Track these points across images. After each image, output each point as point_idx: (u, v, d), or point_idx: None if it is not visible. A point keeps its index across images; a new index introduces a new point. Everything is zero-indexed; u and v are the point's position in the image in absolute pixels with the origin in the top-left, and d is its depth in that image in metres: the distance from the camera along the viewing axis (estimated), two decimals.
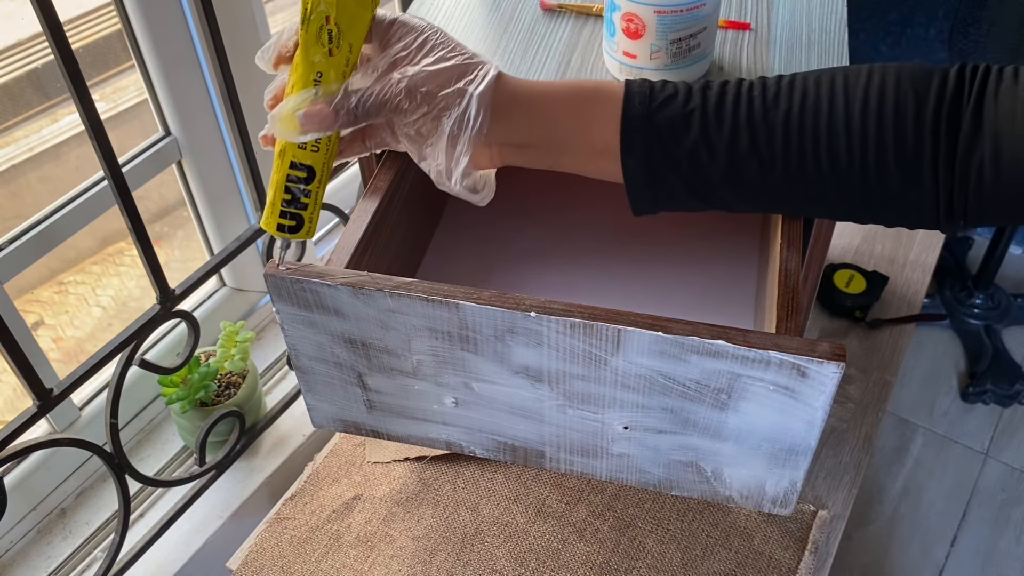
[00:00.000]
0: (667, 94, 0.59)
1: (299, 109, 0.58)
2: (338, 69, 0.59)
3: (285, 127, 0.59)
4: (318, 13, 0.57)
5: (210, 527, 1.05)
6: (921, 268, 1.22)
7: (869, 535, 1.70)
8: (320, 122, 0.59)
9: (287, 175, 0.61)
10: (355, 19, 0.58)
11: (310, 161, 0.61)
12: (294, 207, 0.62)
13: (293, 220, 0.63)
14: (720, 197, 0.61)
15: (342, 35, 0.58)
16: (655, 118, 0.58)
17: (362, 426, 0.75)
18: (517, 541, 0.91)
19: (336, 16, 0.57)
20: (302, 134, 0.59)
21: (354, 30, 0.59)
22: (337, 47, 0.58)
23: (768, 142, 0.57)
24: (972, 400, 1.91)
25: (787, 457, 0.64)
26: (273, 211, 0.62)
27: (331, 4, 0.57)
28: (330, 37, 0.58)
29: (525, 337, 0.62)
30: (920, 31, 1.93)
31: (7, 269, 0.91)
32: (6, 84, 0.99)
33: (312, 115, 0.59)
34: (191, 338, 0.95)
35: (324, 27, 0.57)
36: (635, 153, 0.59)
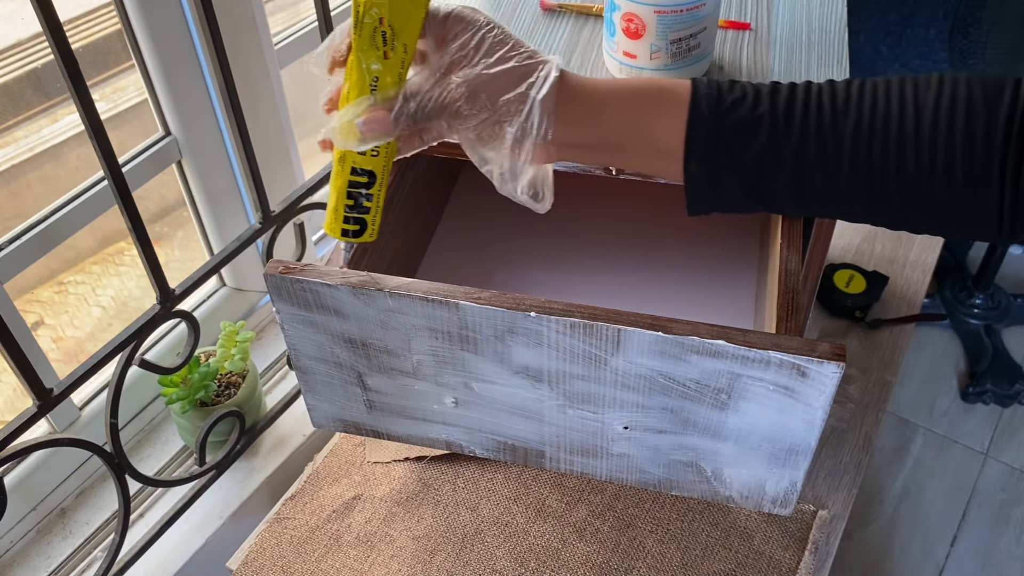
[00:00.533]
0: (735, 97, 0.57)
1: (358, 117, 0.57)
2: (394, 72, 0.57)
3: (345, 136, 0.58)
4: (371, 15, 0.55)
5: (210, 527, 1.05)
6: (921, 268, 1.22)
7: (869, 535, 1.70)
8: (380, 129, 0.57)
9: (349, 181, 0.61)
10: (408, 18, 0.56)
11: (370, 166, 0.60)
12: (357, 211, 0.62)
13: (356, 224, 0.62)
14: (781, 202, 0.60)
15: (396, 36, 0.56)
16: (722, 122, 0.57)
17: (362, 426, 0.75)
18: (517, 541, 0.91)
19: (389, 17, 0.56)
20: (362, 142, 0.58)
21: (408, 29, 0.57)
22: (392, 49, 0.57)
23: (836, 151, 0.56)
24: (972, 400, 1.91)
25: (787, 457, 0.64)
26: (336, 216, 0.62)
27: (383, 5, 0.55)
28: (384, 39, 0.56)
29: (525, 337, 0.62)
30: (920, 31, 1.93)
31: (7, 269, 0.91)
32: (6, 84, 0.99)
33: (371, 122, 0.57)
34: (191, 338, 0.95)
35: (378, 29, 0.56)
36: (699, 157, 0.58)
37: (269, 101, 1.10)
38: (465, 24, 0.58)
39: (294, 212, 1.04)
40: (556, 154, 0.61)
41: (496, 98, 0.57)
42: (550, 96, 0.57)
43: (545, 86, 0.57)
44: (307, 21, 1.17)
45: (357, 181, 0.61)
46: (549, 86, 0.57)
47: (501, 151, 0.59)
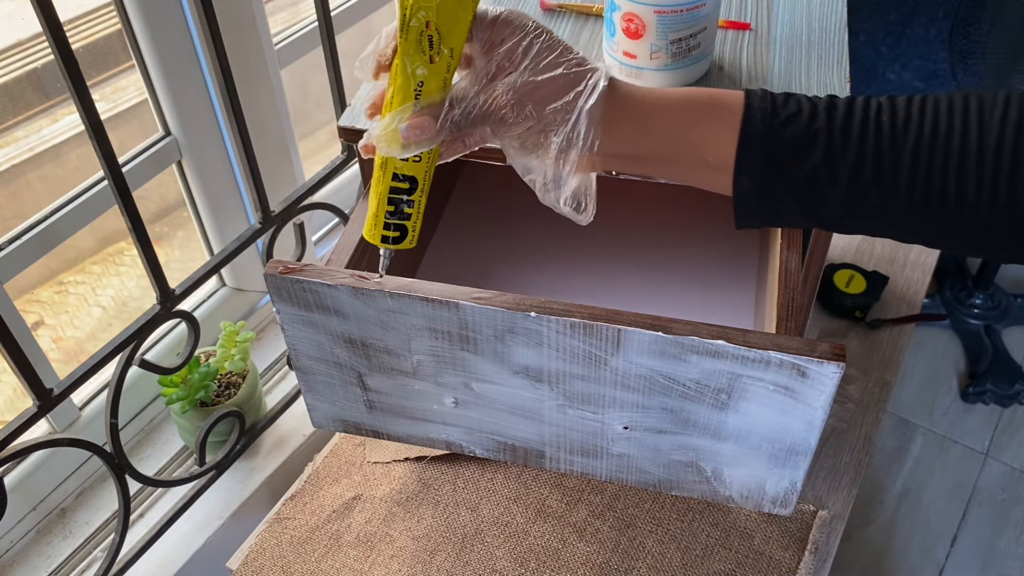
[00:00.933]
0: (790, 112, 0.56)
1: (401, 122, 0.56)
2: (439, 76, 0.56)
3: (388, 142, 0.57)
4: (417, 19, 0.54)
5: (210, 527, 1.05)
6: (921, 268, 1.22)
7: (869, 535, 1.70)
8: (423, 135, 0.56)
9: (390, 187, 0.60)
10: (456, 21, 0.55)
11: (412, 172, 0.59)
12: (397, 218, 0.61)
13: (397, 231, 0.61)
14: (835, 220, 0.58)
15: (442, 40, 0.55)
16: (776, 137, 0.55)
17: (362, 426, 0.75)
18: (517, 541, 0.91)
19: (436, 20, 0.54)
20: (405, 149, 0.57)
21: (454, 33, 0.55)
22: (438, 53, 0.55)
23: (894, 171, 0.54)
24: (972, 400, 1.91)
25: (787, 457, 0.64)
26: (376, 223, 0.61)
27: (431, 9, 0.54)
28: (430, 43, 0.55)
29: (525, 337, 0.62)
30: (920, 31, 1.93)
31: (7, 269, 0.91)
32: (6, 84, 0.99)
33: (415, 128, 0.56)
34: (191, 338, 0.95)
35: (424, 33, 0.54)
36: (751, 171, 0.56)
37: (269, 101, 1.10)
38: (513, 28, 0.56)
39: (294, 212, 1.04)
40: (600, 164, 0.59)
41: (542, 106, 0.56)
42: (598, 106, 0.56)
43: (593, 95, 0.56)
44: (307, 21, 1.17)
45: (398, 187, 0.59)
46: (597, 96, 0.56)
47: (545, 160, 0.58)
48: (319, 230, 1.35)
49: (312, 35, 1.16)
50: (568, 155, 0.57)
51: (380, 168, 0.59)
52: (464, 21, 0.55)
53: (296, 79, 1.32)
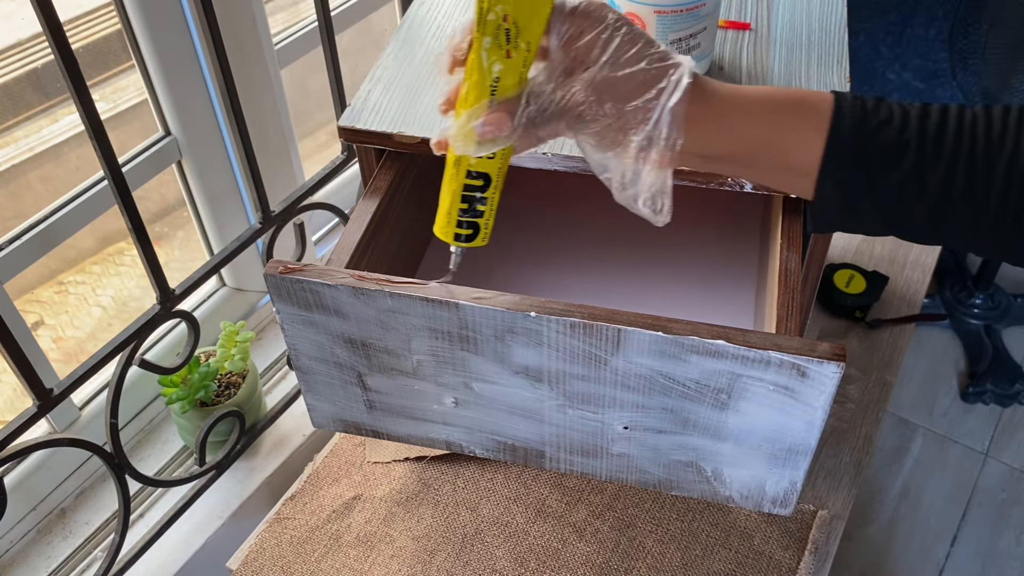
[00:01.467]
0: (881, 118, 0.54)
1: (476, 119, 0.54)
2: (515, 71, 0.54)
3: (463, 141, 0.55)
4: (495, 12, 0.52)
5: (210, 527, 1.05)
6: (921, 268, 1.22)
7: (869, 535, 1.70)
8: (499, 132, 0.54)
9: (464, 184, 0.58)
10: (534, 14, 0.52)
11: (486, 168, 0.58)
12: (471, 215, 0.60)
13: (470, 229, 0.60)
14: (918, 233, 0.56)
15: (520, 34, 0.52)
16: (865, 144, 0.53)
17: (362, 426, 0.75)
18: (517, 541, 0.91)
19: (514, 14, 0.52)
20: (480, 146, 0.55)
21: (532, 26, 0.53)
22: (515, 48, 0.53)
23: (986, 186, 0.52)
24: (972, 400, 1.91)
25: (787, 457, 0.64)
26: (450, 221, 0.60)
27: (509, 2, 0.52)
28: (507, 37, 0.52)
29: (525, 337, 0.62)
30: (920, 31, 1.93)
31: (7, 269, 0.91)
32: (6, 84, 0.99)
33: (490, 125, 0.54)
34: (191, 338, 0.95)
35: (501, 27, 0.52)
36: (836, 178, 0.54)
37: (269, 101, 1.10)
38: (593, 20, 0.54)
39: (294, 212, 1.04)
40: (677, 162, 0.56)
41: (623, 103, 0.53)
42: (681, 104, 0.53)
43: (677, 92, 0.53)
44: (307, 21, 1.17)
45: (472, 184, 0.58)
46: (681, 93, 0.53)
47: (623, 158, 0.55)
48: (319, 230, 1.35)
49: (312, 35, 1.16)
50: (649, 153, 0.54)
51: (454, 166, 0.58)
52: (542, 14, 0.53)
53: (296, 79, 1.32)
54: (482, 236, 0.61)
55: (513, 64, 0.53)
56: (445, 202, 0.60)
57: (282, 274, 0.63)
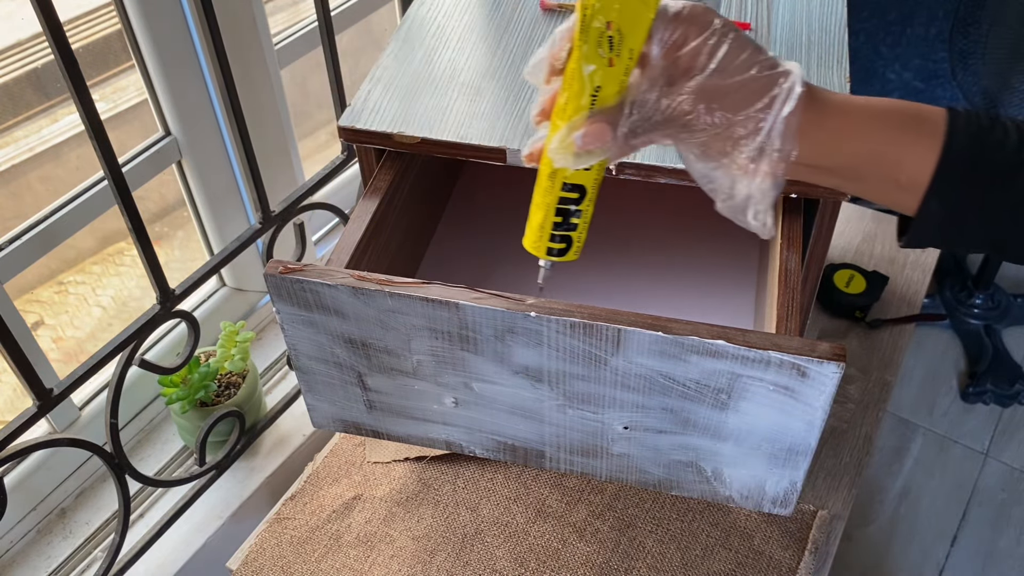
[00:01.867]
0: (996, 138, 0.52)
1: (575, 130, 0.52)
2: (617, 80, 0.51)
3: (564, 153, 0.53)
4: (599, 20, 0.50)
5: (210, 527, 1.05)
6: (921, 268, 1.22)
7: (869, 535, 1.70)
8: (599, 143, 0.52)
9: (559, 197, 0.56)
10: (637, 20, 0.50)
11: (581, 180, 0.56)
12: (564, 229, 0.58)
13: (563, 243, 0.59)
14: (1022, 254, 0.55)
15: (623, 41, 0.50)
16: (979, 164, 0.52)
17: (362, 426, 0.75)
18: (517, 541, 0.91)
19: (618, 21, 0.50)
20: (579, 159, 0.53)
21: (635, 34, 0.50)
22: (617, 56, 0.50)
23: None
24: (972, 400, 1.91)
25: (787, 457, 0.64)
26: (543, 234, 0.58)
27: (613, 9, 0.49)
28: (611, 44, 0.50)
29: (525, 337, 0.62)
30: (920, 31, 1.93)
31: (7, 269, 0.91)
32: (6, 84, 0.99)
33: (591, 136, 0.52)
34: (191, 338, 0.95)
35: (604, 34, 0.50)
36: (944, 197, 0.52)
37: (269, 101, 1.10)
38: (698, 26, 0.51)
39: (294, 212, 1.04)
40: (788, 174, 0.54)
41: (733, 112, 0.51)
42: (795, 114, 0.51)
43: (790, 101, 0.51)
44: (307, 21, 1.17)
45: (567, 197, 0.56)
46: (795, 102, 0.51)
47: (730, 169, 0.53)
48: (319, 230, 1.35)
49: (312, 35, 1.16)
50: (760, 164, 0.52)
51: (548, 178, 0.56)
52: (646, 20, 0.50)
53: (296, 79, 1.32)
54: (574, 250, 0.59)
55: (615, 73, 0.51)
56: (537, 216, 0.58)
57: (282, 274, 0.63)
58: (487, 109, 0.76)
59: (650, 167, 0.71)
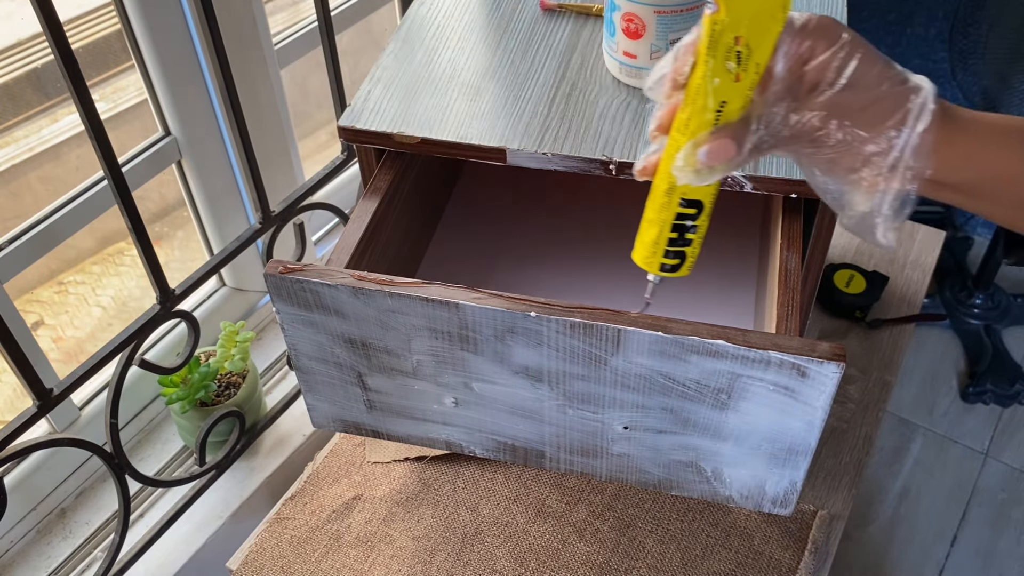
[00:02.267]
0: None
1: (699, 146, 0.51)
2: (743, 95, 0.50)
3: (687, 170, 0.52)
4: (728, 34, 0.48)
5: (210, 527, 1.05)
6: (921, 268, 1.22)
7: (869, 535, 1.70)
8: (724, 158, 0.51)
9: (677, 213, 0.55)
10: (765, 34, 0.49)
11: (700, 195, 0.54)
12: (679, 244, 0.57)
13: (676, 259, 0.57)
14: None
15: (751, 56, 0.49)
16: None
17: (362, 426, 0.75)
18: (517, 541, 0.91)
19: (747, 35, 0.48)
20: (701, 175, 0.52)
21: (763, 48, 0.49)
22: (744, 70, 0.49)
23: None
24: (972, 400, 1.91)
25: (787, 457, 0.64)
26: (656, 250, 0.57)
27: (743, 22, 0.48)
28: (738, 59, 0.49)
29: (525, 337, 0.62)
30: (920, 31, 1.93)
31: (7, 269, 0.91)
32: (6, 84, 0.99)
33: (716, 152, 0.50)
34: (191, 338, 0.95)
35: (732, 49, 0.49)
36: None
37: (269, 101, 1.10)
38: (827, 40, 0.50)
39: (294, 212, 1.04)
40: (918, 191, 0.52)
41: (865, 128, 0.50)
42: (929, 130, 0.49)
43: (924, 118, 0.49)
44: (307, 21, 1.17)
45: (685, 213, 0.55)
46: (929, 118, 0.49)
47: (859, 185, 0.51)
48: (319, 230, 1.35)
49: (312, 35, 1.16)
50: (890, 182, 0.50)
51: (665, 194, 0.54)
52: (774, 33, 0.49)
53: (296, 79, 1.32)
54: (687, 265, 0.58)
55: (741, 87, 0.50)
56: (651, 231, 0.56)
57: (282, 274, 0.63)
58: (487, 109, 0.76)
59: None
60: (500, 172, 1.01)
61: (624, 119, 0.75)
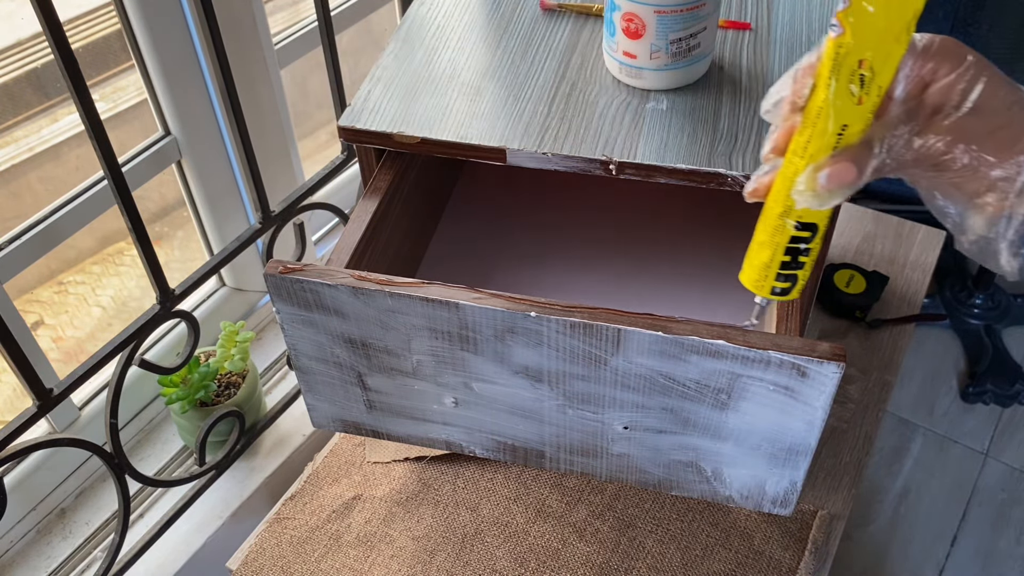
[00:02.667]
0: None
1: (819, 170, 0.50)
2: (864, 119, 0.49)
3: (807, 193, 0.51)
4: (852, 57, 0.48)
5: (210, 527, 1.05)
6: (921, 268, 1.22)
7: (869, 535, 1.70)
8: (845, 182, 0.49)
9: (791, 236, 0.54)
10: (889, 57, 0.48)
11: (815, 218, 0.53)
12: (792, 268, 0.56)
13: (787, 282, 0.57)
14: None
15: (874, 78, 0.48)
16: None
17: (362, 426, 0.75)
18: (517, 541, 0.91)
19: (872, 58, 0.48)
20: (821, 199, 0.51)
21: (886, 71, 0.48)
22: (867, 93, 0.49)
23: None
24: (972, 400, 1.91)
25: (787, 457, 0.64)
26: (768, 273, 0.56)
27: (867, 45, 0.47)
28: (861, 82, 0.48)
29: (525, 337, 0.62)
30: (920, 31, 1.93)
31: (7, 269, 0.91)
32: (6, 84, 0.99)
33: (836, 177, 0.49)
34: (191, 338, 0.95)
35: (856, 72, 0.48)
36: None
37: (269, 101, 1.10)
38: (951, 62, 0.49)
39: (294, 212, 1.04)
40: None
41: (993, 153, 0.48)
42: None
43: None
44: (307, 21, 1.17)
45: (799, 236, 0.54)
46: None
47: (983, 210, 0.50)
48: (319, 230, 1.35)
49: (312, 35, 1.16)
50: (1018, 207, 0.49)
51: (779, 217, 0.54)
52: (897, 56, 0.48)
53: (296, 79, 1.32)
54: (798, 288, 0.58)
55: (862, 111, 0.49)
56: (763, 254, 0.56)
57: (282, 274, 0.63)
58: (487, 109, 0.76)
59: (650, 167, 0.71)
60: (500, 172, 1.01)
61: (624, 119, 0.75)
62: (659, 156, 0.71)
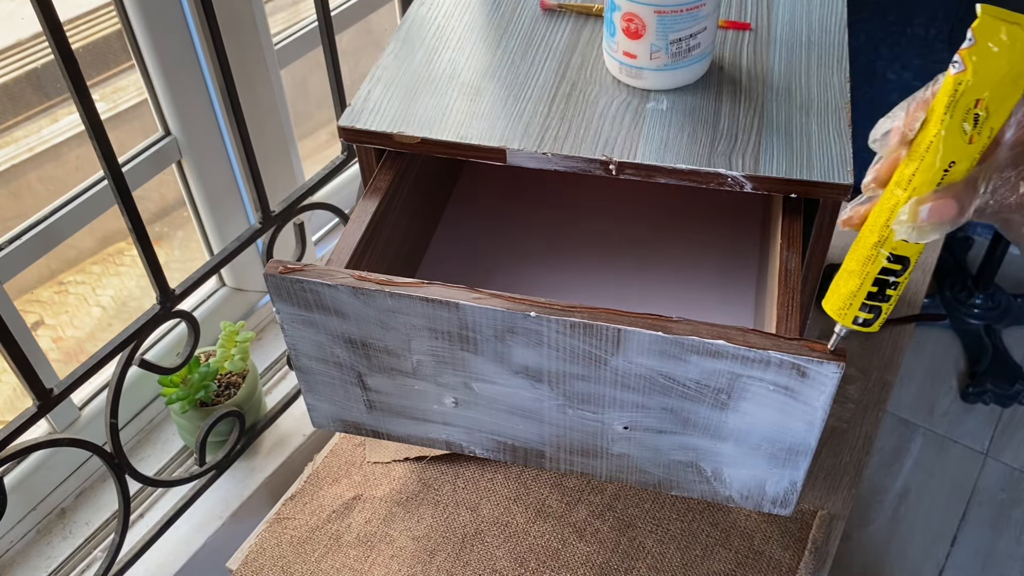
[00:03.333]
0: None
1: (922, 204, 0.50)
2: (971, 158, 0.50)
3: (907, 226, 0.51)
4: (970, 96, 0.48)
5: (210, 527, 1.05)
6: (921, 268, 1.22)
7: (869, 535, 1.70)
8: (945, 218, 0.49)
9: (882, 267, 0.54)
10: (1005, 100, 0.48)
11: (908, 252, 0.53)
12: (878, 299, 0.55)
13: (871, 312, 0.56)
14: None
15: (988, 119, 0.48)
16: None
17: (362, 426, 0.75)
18: (517, 541, 0.91)
19: (989, 99, 0.48)
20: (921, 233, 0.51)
21: (1000, 112, 0.49)
22: (979, 133, 0.49)
23: None
24: (972, 400, 1.91)
25: (787, 457, 0.64)
26: (853, 303, 0.56)
27: (987, 85, 0.47)
28: (975, 121, 0.48)
29: (525, 337, 0.62)
30: (920, 31, 1.93)
31: (7, 269, 0.91)
32: (6, 84, 0.99)
33: (938, 212, 0.49)
34: (191, 338, 0.95)
35: (971, 111, 0.48)
36: None
37: (269, 101, 1.10)
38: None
39: (294, 212, 1.04)
40: None
41: None
42: None
43: None
44: (307, 21, 1.17)
45: (890, 268, 0.54)
46: None
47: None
48: (319, 230, 1.35)
49: (312, 35, 1.16)
50: None
51: (873, 247, 0.54)
52: (1013, 99, 0.49)
53: (296, 79, 1.32)
54: (879, 322, 0.57)
55: (971, 150, 0.49)
56: (851, 283, 0.56)
57: (282, 274, 0.63)
58: (487, 109, 0.76)
59: (650, 167, 0.71)
60: (500, 172, 1.01)
61: (624, 119, 0.75)
62: (659, 156, 0.71)
